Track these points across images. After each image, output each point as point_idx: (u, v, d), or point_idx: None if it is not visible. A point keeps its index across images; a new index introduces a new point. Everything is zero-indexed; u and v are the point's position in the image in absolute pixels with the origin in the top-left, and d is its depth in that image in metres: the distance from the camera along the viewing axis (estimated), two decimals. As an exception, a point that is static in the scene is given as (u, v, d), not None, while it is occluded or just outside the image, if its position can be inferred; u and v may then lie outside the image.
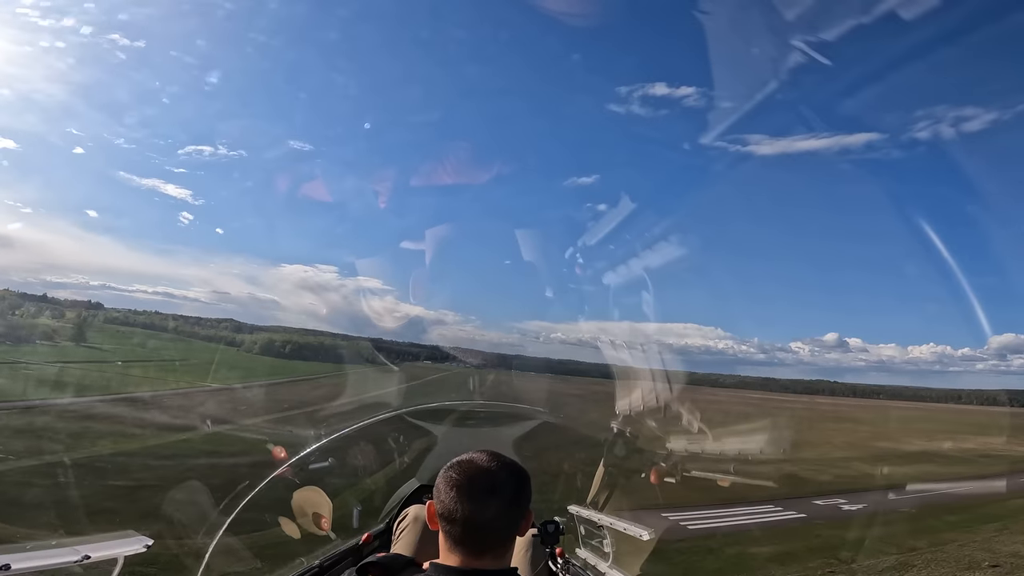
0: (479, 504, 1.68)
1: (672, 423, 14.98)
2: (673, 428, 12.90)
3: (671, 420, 13.57)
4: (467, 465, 1.75)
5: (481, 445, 1.93)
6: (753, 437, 30.38)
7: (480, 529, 1.69)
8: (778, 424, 42.27)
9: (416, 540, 3.48)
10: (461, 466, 1.75)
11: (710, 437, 12.93)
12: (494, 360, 40.07)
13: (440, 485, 1.74)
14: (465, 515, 1.67)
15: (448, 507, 1.68)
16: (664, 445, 11.53)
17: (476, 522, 1.67)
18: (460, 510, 1.67)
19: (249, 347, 70.70)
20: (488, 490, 1.71)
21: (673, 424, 15.60)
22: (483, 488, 1.71)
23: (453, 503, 1.68)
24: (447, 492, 1.70)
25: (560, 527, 3.71)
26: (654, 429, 11.12)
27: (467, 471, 1.73)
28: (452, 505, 1.68)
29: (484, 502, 1.69)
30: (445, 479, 1.73)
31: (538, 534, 3.69)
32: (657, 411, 11.34)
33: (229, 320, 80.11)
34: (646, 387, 12.93)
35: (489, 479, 1.73)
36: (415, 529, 3.56)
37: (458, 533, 1.68)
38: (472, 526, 1.67)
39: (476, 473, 1.73)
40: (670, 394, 13.41)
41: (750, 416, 48.36)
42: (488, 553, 1.71)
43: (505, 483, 1.74)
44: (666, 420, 11.29)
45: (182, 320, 76.88)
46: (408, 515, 3.71)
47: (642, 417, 10.39)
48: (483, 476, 1.73)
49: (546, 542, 3.64)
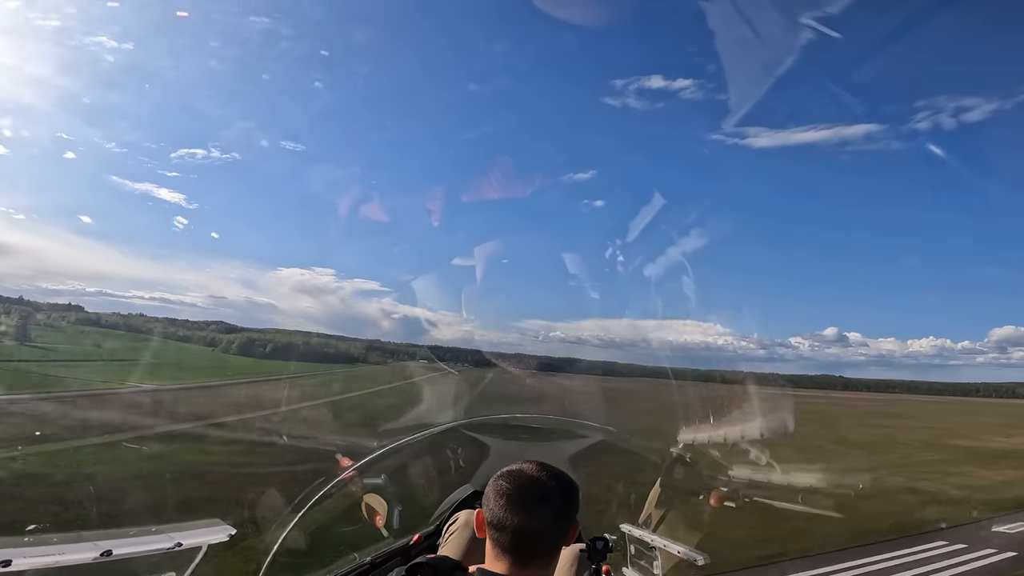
0: (528, 513, 1.69)
1: (731, 434, 14.32)
2: (734, 442, 12.26)
3: (731, 431, 12.93)
4: (517, 475, 1.77)
5: (537, 457, 1.98)
6: (823, 445, 27.81)
7: (528, 538, 1.70)
8: (842, 425, 39.53)
9: (464, 544, 3.51)
10: (511, 475, 1.77)
11: (767, 456, 11.96)
12: (535, 364, 39.23)
13: (490, 493, 1.76)
14: (514, 524, 1.68)
15: (497, 515, 1.70)
16: (726, 467, 11.05)
17: (524, 531, 1.69)
18: (509, 519, 1.68)
19: (226, 347, 71.31)
20: (537, 500, 1.72)
21: (733, 437, 14.86)
22: (532, 498, 1.72)
23: (502, 511, 1.70)
24: (496, 501, 1.72)
25: (609, 544, 3.69)
26: (715, 445, 10.71)
27: (517, 480, 1.75)
28: (501, 513, 1.70)
29: (533, 512, 1.70)
30: (495, 488, 1.76)
31: (586, 549, 3.71)
32: (716, 422, 10.99)
33: (218, 323, 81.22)
34: (693, 392, 12.42)
35: (539, 489, 1.75)
36: (464, 533, 3.59)
37: (506, 541, 1.69)
38: (520, 535, 1.68)
39: (526, 483, 1.75)
40: (722, 401, 12.80)
41: (804, 416, 45.25)
42: (534, 563, 1.72)
43: (554, 493, 1.76)
44: (726, 432, 10.82)
45: (166, 323, 77.46)
46: (459, 519, 3.75)
47: (701, 431, 10.14)
48: (533, 486, 1.75)
49: (593, 558, 3.62)
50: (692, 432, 10.11)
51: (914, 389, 76.49)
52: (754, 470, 12.52)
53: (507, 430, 8.53)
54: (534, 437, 8.53)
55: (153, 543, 2.07)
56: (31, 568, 1.73)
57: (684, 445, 8.80)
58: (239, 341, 73.24)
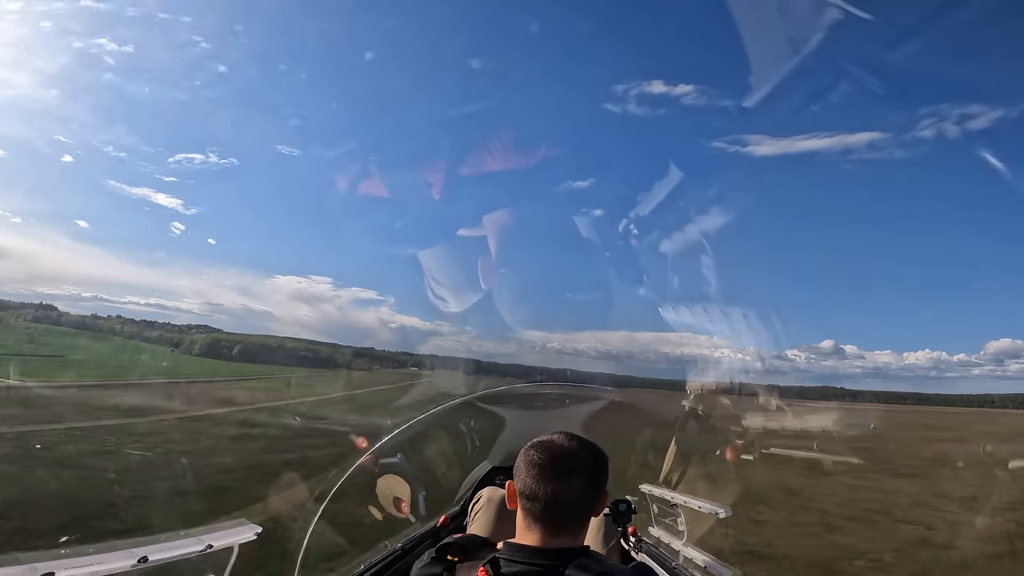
0: (560, 483, 1.73)
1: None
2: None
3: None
4: (548, 445, 1.81)
5: (551, 426, 2.01)
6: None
7: (559, 507, 1.73)
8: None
9: (491, 521, 3.60)
10: (542, 446, 1.81)
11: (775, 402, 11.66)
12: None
13: (521, 464, 1.80)
14: (545, 493, 1.72)
15: (529, 485, 1.74)
16: (739, 418, 11.17)
17: (557, 501, 1.72)
18: (541, 488, 1.72)
19: (188, 347, 71.40)
20: (568, 470, 1.76)
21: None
22: (564, 468, 1.76)
23: (534, 481, 1.74)
24: (528, 471, 1.76)
25: (632, 506, 3.76)
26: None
27: (548, 450, 1.79)
28: (533, 484, 1.74)
29: (565, 481, 1.74)
30: (526, 459, 1.80)
31: (610, 513, 3.76)
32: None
33: (201, 327, 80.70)
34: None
35: (570, 458, 1.78)
36: (489, 510, 3.67)
37: (538, 511, 1.73)
38: (553, 505, 1.72)
39: (557, 453, 1.79)
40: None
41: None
42: (565, 532, 1.76)
43: (584, 463, 1.79)
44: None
45: (143, 325, 77.08)
46: (482, 497, 3.83)
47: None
48: (564, 456, 1.79)
49: (618, 521, 3.69)
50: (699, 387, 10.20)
51: (926, 401, 75.74)
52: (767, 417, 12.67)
53: (519, 400, 8.61)
54: (547, 405, 8.59)
55: (185, 547, 2.09)
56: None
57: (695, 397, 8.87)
58: (235, 344, 73.23)
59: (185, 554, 2.10)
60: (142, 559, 1.91)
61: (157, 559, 1.97)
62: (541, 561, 1.67)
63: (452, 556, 1.75)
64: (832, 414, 40.71)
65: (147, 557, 1.92)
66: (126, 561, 1.87)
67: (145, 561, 1.92)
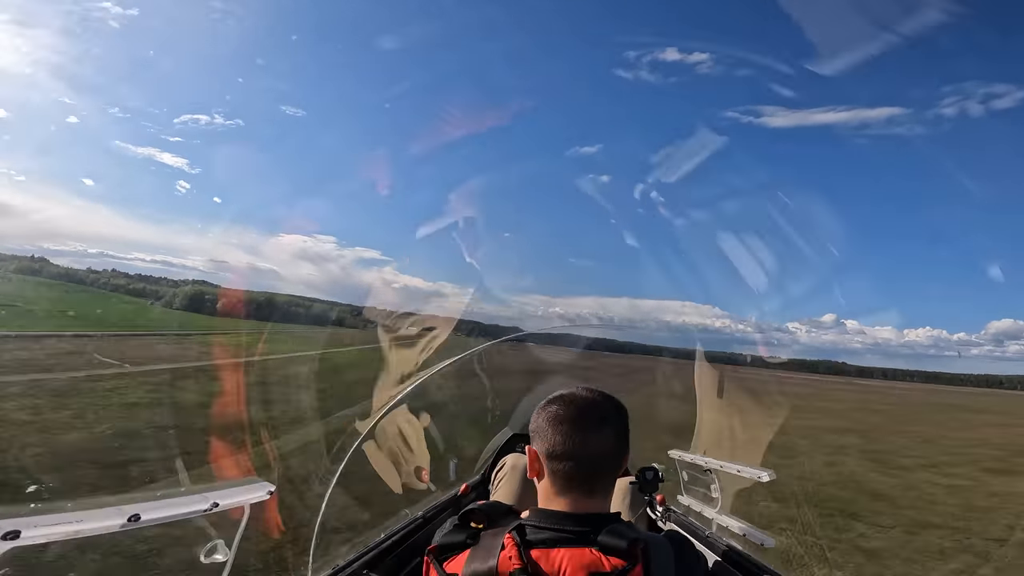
0: (595, 434, 1.62)
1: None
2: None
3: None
4: (570, 398, 1.69)
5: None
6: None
7: (595, 462, 1.62)
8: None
9: (516, 488, 3.50)
10: (563, 400, 1.69)
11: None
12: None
13: (543, 423, 1.66)
14: (582, 448, 1.60)
15: (558, 443, 1.61)
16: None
17: (591, 455, 1.61)
18: (575, 444, 1.60)
19: (169, 301, 72.64)
20: (600, 419, 1.65)
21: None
22: (595, 418, 1.65)
23: (566, 438, 1.61)
24: (554, 428, 1.63)
25: (660, 474, 3.54)
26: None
27: (573, 403, 1.67)
28: (565, 440, 1.61)
29: (599, 432, 1.63)
30: (548, 415, 1.66)
31: (636, 481, 3.54)
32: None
33: (195, 282, 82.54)
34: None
35: (597, 409, 1.67)
36: (514, 477, 3.57)
37: (573, 470, 1.61)
38: (587, 460, 1.60)
39: (583, 404, 1.68)
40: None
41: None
42: (601, 492, 1.65)
43: (612, 412, 1.70)
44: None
45: (133, 278, 78.28)
46: (506, 464, 3.74)
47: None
48: (592, 406, 1.68)
49: (644, 490, 3.51)
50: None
51: (934, 379, 76.29)
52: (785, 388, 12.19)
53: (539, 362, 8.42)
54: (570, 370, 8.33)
55: (187, 505, 1.77)
56: (48, 540, 1.42)
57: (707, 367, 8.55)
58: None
59: (186, 514, 1.80)
60: (133, 517, 1.60)
61: (152, 518, 1.66)
62: (572, 527, 1.53)
63: (476, 523, 1.61)
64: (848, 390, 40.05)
65: (139, 515, 1.61)
66: (114, 520, 1.56)
67: (137, 520, 1.61)
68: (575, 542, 1.50)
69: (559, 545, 1.49)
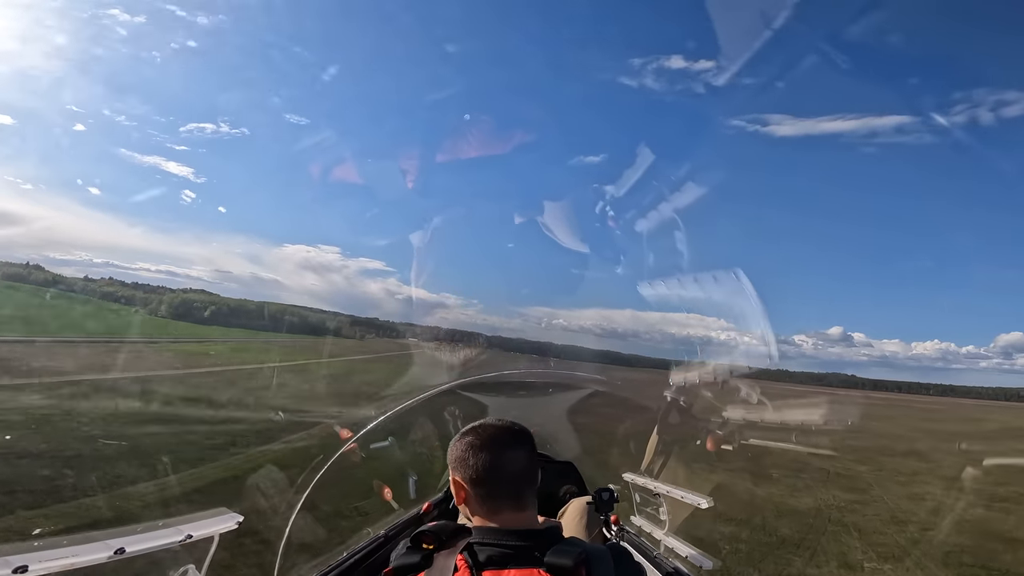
0: (512, 452, 1.72)
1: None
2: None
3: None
4: (480, 428, 1.79)
5: (535, 414, 1.98)
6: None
7: (515, 480, 1.71)
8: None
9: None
10: (475, 431, 1.78)
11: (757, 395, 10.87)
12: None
13: (461, 453, 1.74)
14: (502, 467, 1.69)
15: (479, 468, 1.69)
16: (720, 410, 10.69)
17: (514, 472, 1.70)
18: (495, 464, 1.69)
19: (155, 309, 71.17)
20: (511, 441, 1.76)
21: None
22: (507, 440, 1.75)
23: (483, 462, 1.69)
24: (474, 455, 1.71)
25: (615, 495, 3.76)
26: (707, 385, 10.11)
27: (485, 431, 1.77)
28: (485, 463, 1.69)
29: (516, 450, 1.73)
30: (465, 445, 1.74)
31: (593, 502, 3.77)
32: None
33: (198, 291, 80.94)
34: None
35: (507, 432, 1.77)
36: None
37: (498, 488, 1.69)
38: (508, 479, 1.70)
39: (493, 431, 1.77)
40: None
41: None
42: (528, 507, 1.72)
43: (520, 437, 1.78)
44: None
45: (128, 286, 76.62)
46: None
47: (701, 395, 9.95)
48: (501, 431, 1.77)
49: (601, 509, 3.69)
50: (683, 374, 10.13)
51: (950, 392, 76.30)
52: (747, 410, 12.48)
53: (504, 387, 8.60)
54: (531, 392, 8.59)
55: (164, 537, 2.04)
56: (49, 572, 1.70)
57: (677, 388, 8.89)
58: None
59: (164, 545, 2.05)
60: (119, 550, 1.86)
61: (135, 550, 1.91)
62: (514, 542, 1.60)
63: (427, 544, 1.67)
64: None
65: (124, 548, 1.87)
66: (102, 553, 1.82)
67: (122, 552, 1.86)
68: (524, 562, 1.55)
69: (509, 565, 1.55)
